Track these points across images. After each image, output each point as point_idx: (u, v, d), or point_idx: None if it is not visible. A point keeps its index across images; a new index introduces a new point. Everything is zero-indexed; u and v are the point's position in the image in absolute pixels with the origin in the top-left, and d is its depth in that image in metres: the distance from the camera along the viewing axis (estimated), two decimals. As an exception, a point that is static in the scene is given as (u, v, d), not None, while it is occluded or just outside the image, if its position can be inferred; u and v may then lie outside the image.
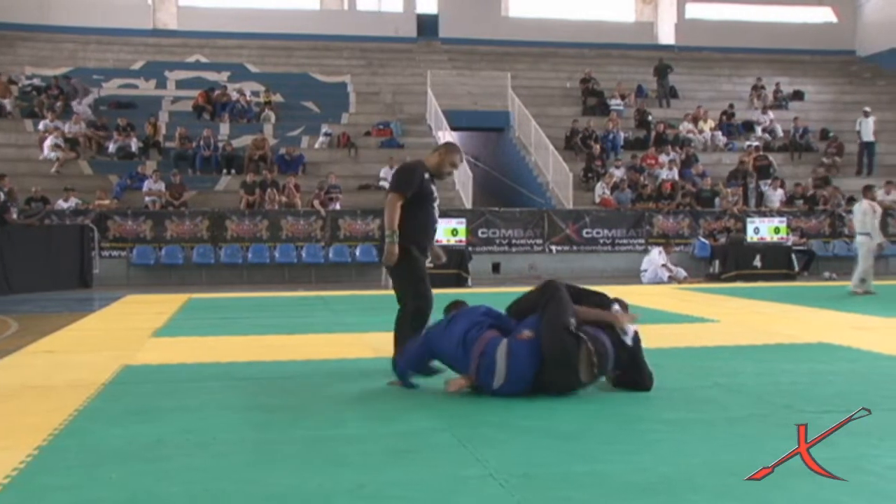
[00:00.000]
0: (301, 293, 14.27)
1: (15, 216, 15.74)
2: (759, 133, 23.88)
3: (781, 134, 23.87)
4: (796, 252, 17.82)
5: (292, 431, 4.35)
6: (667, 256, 17.04)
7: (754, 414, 4.68)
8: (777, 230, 17.71)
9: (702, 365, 6.35)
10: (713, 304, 11.68)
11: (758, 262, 17.30)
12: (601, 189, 19.56)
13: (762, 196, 20.15)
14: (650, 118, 23.53)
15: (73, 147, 19.72)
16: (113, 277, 16.66)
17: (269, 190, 18.17)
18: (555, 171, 20.35)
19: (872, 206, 13.20)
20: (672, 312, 10.24)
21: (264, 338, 8.21)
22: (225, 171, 19.79)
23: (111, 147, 20.13)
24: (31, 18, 26.61)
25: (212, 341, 7.99)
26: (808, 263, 18.20)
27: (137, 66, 25.68)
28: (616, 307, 5.28)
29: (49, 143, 19.40)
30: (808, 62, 30.08)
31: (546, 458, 3.80)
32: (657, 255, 17.01)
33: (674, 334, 7.97)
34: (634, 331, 5.21)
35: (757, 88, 26.31)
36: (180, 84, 24.42)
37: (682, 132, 22.99)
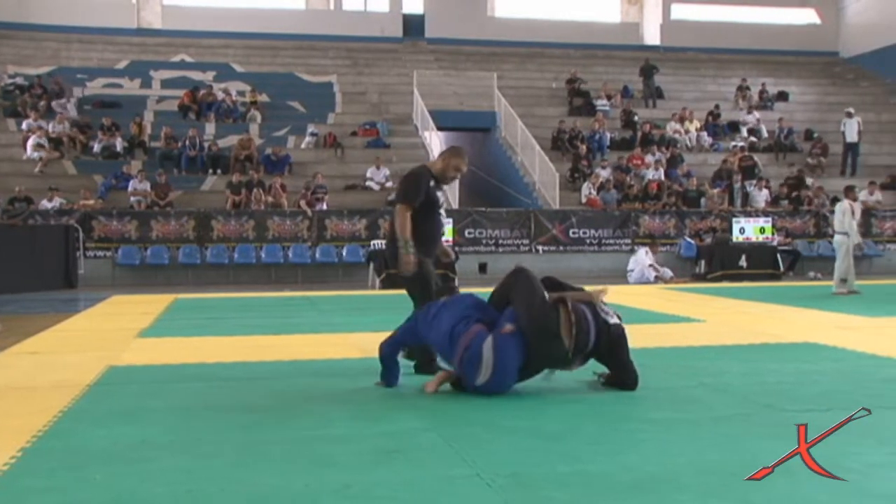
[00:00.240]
0: (287, 293, 14.23)
1: (-2, 216, 15.68)
2: (745, 134, 24.00)
3: (766, 134, 24.00)
4: (781, 252, 17.92)
5: (278, 432, 4.34)
6: (653, 256, 17.10)
7: (740, 413, 4.70)
8: (762, 230, 17.80)
9: (687, 365, 6.37)
10: (699, 303, 11.72)
11: (743, 262, 17.38)
12: (587, 189, 19.61)
13: (747, 196, 20.25)
14: (636, 118, 23.61)
15: (56, 147, 19.61)
16: (98, 278, 16.58)
17: (255, 190, 18.12)
18: (541, 172, 20.39)
19: (853, 206, 13.36)
20: (658, 312, 10.28)
21: (250, 338, 8.18)
22: (211, 170, 19.72)
23: (96, 147, 20.03)
24: (11, 17, 26.38)
25: (198, 342, 7.95)
26: (794, 263, 18.30)
27: (122, 65, 25.56)
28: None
29: (32, 143, 19.28)
30: (793, 63, 30.26)
31: (533, 457, 3.81)
32: (643, 254, 17.07)
33: (660, 334, 8.00)
34: (617, 319, 5.24)
35: (742, 89, 26.45)
36: (165, 83, 24.32)
37: (669, 132, 23.07)
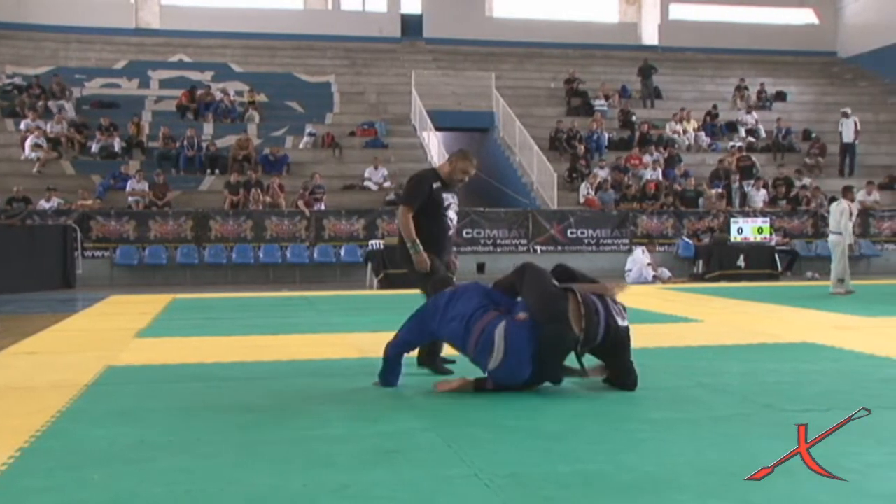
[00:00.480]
0: (285, 293, 14.23)
1: (-4, 216, 15.66)
2: (743, 134, 24.02)
3: (764, 135, 24.01)
4: (779, 252, 17.93)
5: (276, 432, 4.33)
6: (649, 256, 17.10)
7: (739, 413, 4.70)
8: (760, 230, 17.81)
9: (686, 365, 6.37)
10: (697, 303, 11.72)
11: (741, 262, 17.38)
12: (585, 189, 19.61)
13: (745, 196, 20.26)
14: (634, 118, 23.61)
15: (55, 147, 19.60)
16: (96, 278, 16.57)
17: (253, 190, 18.12)
18: (539, 172, 20.40)
19: (850, 206, 13.36)
20: (656, 312, 10.28)
21: (249, 338, 8.17)
22: (209, 170, 19.72)
23: (94, 147, 20.02)
24: (10, 17, 26.37)
25: (196, 342, 7.95)
26: (791, 263, 18.31)
27: (120, 65, 25.56)
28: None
29: (30, 143, 19.26)
30: (791, 63, 30.28)
31: (532, 457, 3.80)
32: (641, 254, 17.07)
33: (658, 334, 7.99)
34: (626, 322, 5.23)
35: (740, 89, 26.46)
36: (163, 83, 24.31)
37: (668, 132, 23.08)
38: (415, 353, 5.87)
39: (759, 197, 20.06)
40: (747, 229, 17.77)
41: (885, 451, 3.87)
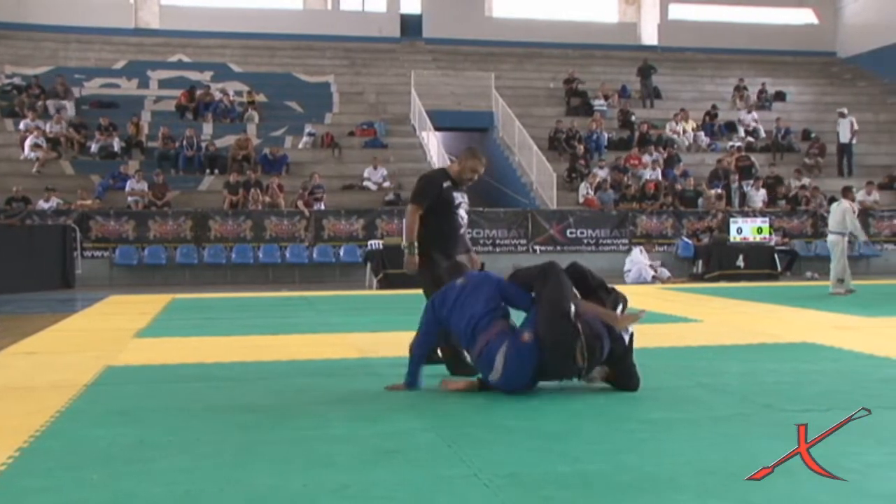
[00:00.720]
0: (285, 293, 14.23)
1: (-4, 216, 15.66)
2: (742, 134, 24.01)
3: (764, 135, 24.01)
4: (779, 252, 17.92)
5: (276, 432, 4.33)
6: (648, 256, 17.10)
7: (739, 413, 4.70)
8: (760, 230, 17.81)
9: (686, 365, 6.37)
10: (696, 303, 11.73)
11: (741, 262, 17.38)
12: (585, 189, 19.61)
13: (745, 196, 20.26)
14: (634, 118, 23.61)
15: (54, 147, 19.59)
16: (95, 278, 16.56)
17: (252, 190, 18.12)
18: (539, 172, 20.39)
19: (853, 206, 13.43)
20: (656, 312, 10.25)
21: (248, 338, 8.17)
22: (208, 170, 19.71)
23: (93, 147, 20.01)
24: (10, 17, 26.34)
25: (195, 342, 7.95)
26: (791, 263, 18.31)
27: (119, 65, 25.54)
28: (619, 309, 5.28)
29: (29, 143, 19.26)
30: (790, 63, 30.28)
31: (531, 458, 3.80)
32: (639, 254, 17.07)
33: (658, 334, 7.98)
34: (631, 332, 5.22)
35: (739, 89, 26.45)
36: (163, 83, 24.30)
37: (668, 132, 23.08)
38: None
39: (759, 197, 20.06)
40: (746, 229, 17.77)
41: (885, 451, 3.87)
